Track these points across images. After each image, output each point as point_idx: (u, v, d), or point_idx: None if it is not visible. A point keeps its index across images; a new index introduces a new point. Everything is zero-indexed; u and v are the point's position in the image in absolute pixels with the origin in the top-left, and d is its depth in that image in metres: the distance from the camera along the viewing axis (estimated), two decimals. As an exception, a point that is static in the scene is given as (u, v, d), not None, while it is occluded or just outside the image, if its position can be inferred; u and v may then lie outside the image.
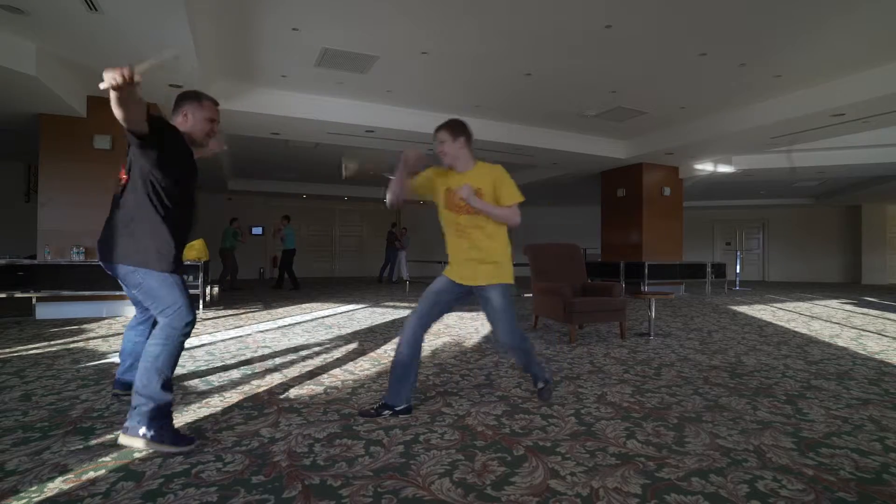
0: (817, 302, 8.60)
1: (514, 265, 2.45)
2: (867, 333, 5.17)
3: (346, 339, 4.62)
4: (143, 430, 1.96)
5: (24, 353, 3.84)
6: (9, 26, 4.25)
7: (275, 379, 3.13)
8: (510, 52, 5.25)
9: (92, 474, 1.79)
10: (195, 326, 2.16)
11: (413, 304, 7.61)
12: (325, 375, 3.24)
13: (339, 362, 3.63)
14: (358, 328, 5.25)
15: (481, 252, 2.46)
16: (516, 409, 2.59)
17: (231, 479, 1.76)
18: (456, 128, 2.48)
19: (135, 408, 1.98)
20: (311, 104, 6.72)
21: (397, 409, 2.45)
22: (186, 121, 2.24)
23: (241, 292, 9.75)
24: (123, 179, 2.15)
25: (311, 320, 5.84)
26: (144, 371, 2.00)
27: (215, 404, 2.60)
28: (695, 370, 3.48)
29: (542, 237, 17.10)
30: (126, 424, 2.01)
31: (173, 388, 2.12)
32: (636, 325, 5.62)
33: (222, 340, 4.44)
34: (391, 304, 7.72)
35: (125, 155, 2.19)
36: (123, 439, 1.99)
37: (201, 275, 6.26)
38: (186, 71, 5.05)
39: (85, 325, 5.19)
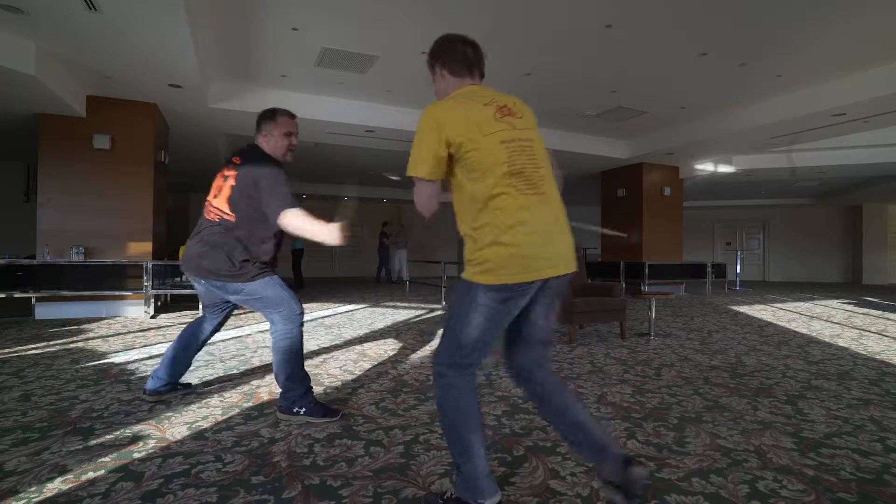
0: (818, 302, 8.60)
1: None
2: (868, 333, 5.17)
3: (346, 339, 4.61)
4: (296, 409, 2.35)
5: (24, 353, 3.84)
6: (8, 26, 4.25)
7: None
8: (510, 52, 5.25)
9: (91, 475, 1.79)
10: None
11: (414, 305, 7.60)
12: (325, 375, 3.23)
13: (339, 362, 3.62)
14: (358, 328, 5.24)
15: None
16: (516, 409, 2.59)
17: (231, 479, 1.76)
18: (434, 52, 1.85)
19: (286, 392, 2.36)
20: (311, 104, 6.71)
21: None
22: (268, 142, 2.40)
23: None
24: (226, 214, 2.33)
25: (311, 320, 5.83)
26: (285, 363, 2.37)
27: (215, 404, 2.60)
28: (695, 370, 3.48)
29: (542, 237, 16.92)
30: (281, 404, 2.38)
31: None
32: (636, 326, 5.62)
33: (222, 340, 4.43)
34: (391, 304, 7.71)
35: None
36: (281, 416, 2.36)
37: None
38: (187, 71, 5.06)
39: (84, 326, 5.19)
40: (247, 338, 4.59)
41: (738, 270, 12.57)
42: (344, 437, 2.17)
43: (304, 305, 2.81)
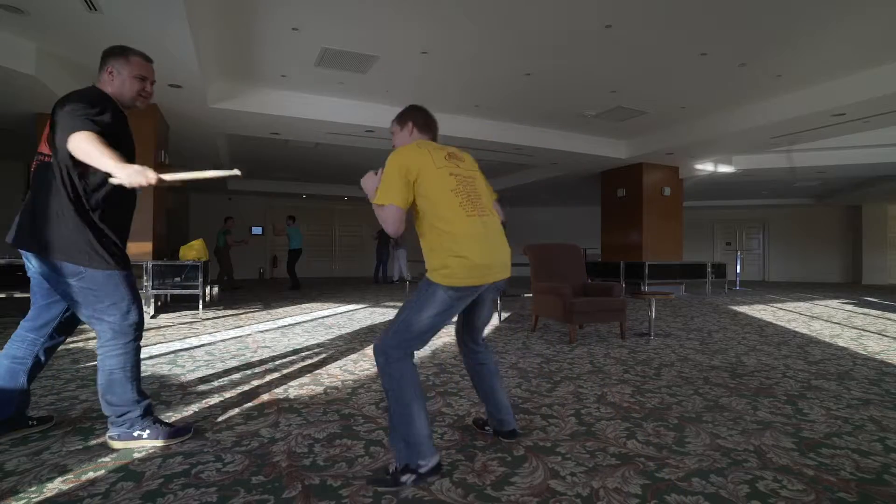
0: (818, 302, 8.60)
1: (515, 265, 2.40)
2: (868, 333, 5.17)
3: (346, 339, 4.61)
4: (137, 432, 2.02)
5: (24, 353, 3.83)
6: (9, 26, 4.25)
7: (275, 379, 3.13)
8: (510, 52, 5.25)
9: (91, 475, 1.79)
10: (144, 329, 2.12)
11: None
12: (325, 375, 3.23)
13: (339, 362, 3.62)
14: (358, 328, 5.24)
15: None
16: (516, 409, 2.58)
17: (231, 479, 1.76)
18: (403, 115, 2.27)
19: (120, 416, 2.01)
20: (311, 104, 6.72)
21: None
22: (112, 79, 2.02)
23: (239, 291, 9.75)
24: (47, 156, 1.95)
25: (311, 320, 5.83)
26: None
27: (215, 404, 2.60)
28: (695, 370, 3.48)
29: (542, 237, 17.05)
30: (116, 432, 2.01)
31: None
32: (636, 326, 5.62)
33: (222, 340, 4.44)
34: (391, 304, 7.71)
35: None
36: (118, 444, 2.00)
37: (201, 275, 6.25)
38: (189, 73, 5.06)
39: (84, 326, 5.18)
40: (247, 338, 4.60)
41: (738, 270, 12.57)
42: (344, 437, 2.17)
43: (304, 305, 2.81)
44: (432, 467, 1.75)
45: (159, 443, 2.03)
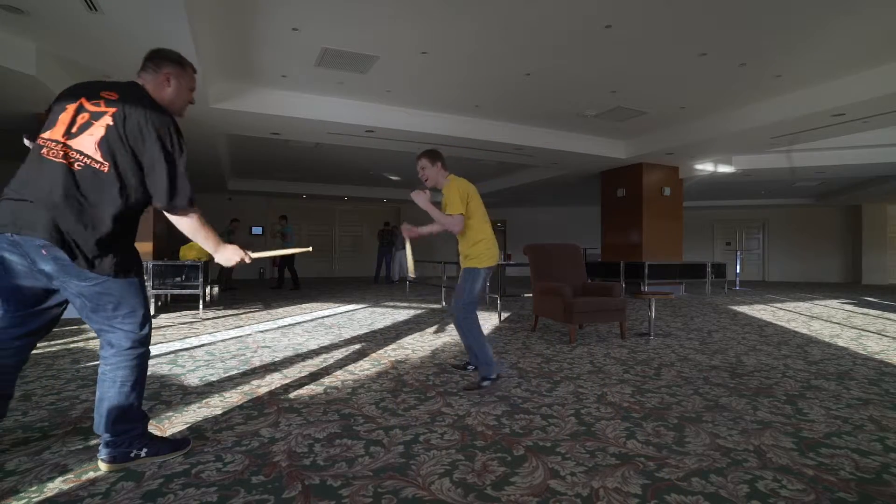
0: (817, 302, 8.60)
1: (514, 265, 2.55)
2: (867, 333, 5.17)
3: (346, 339, 4.62)
4: (134, 452, 1.85)
5: (24, 353, 3.84)
6: (8, 26, 4.25)
7: (275, 379, 3.13)
8: (510, 52, 5.25)
9: (92, 474, 1.79)
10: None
11: (414, 305, 7.62)
12: (325, 375, 3.24)
13: (339, 362, 3.62)
14: (358, 328, 5.25)
15: (461, 245, 3.24)
16: (516, 409, 2.59)
17: (231, 479, 1.76)
18: (434, 154, 3.22)
19: (120, 434, 1.84)
20: (311, 104, 6.71)
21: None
22: (167, 86, 1.96)
23: (236, 292, 9.75)
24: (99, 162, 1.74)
25: (311, 320, 5.83)
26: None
27: (215, 404, 2.60)
28: (695, 370, 3.48)
29: (542, 237, 17.04)
30: (112, 453, 1.82)
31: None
32: (636, 325, 5.62)
33: (222, 340, 4.44)
34: (391, 304, 7.71)
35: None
36: (114, 466, 1.82)
37: (201, 275, 6.25)
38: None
39: (84, 326, 5.19)
40: (247, 338, 4.60)
41: (738, 270, 12.56)
42: (344, 437, 2.17)
43: (304, 305, 2.82)
44: (497, 376, 3.07)
45: (160, 459, 1.89)
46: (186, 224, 1.90)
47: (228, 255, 2.03)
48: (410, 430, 2.26)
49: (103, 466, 1.82)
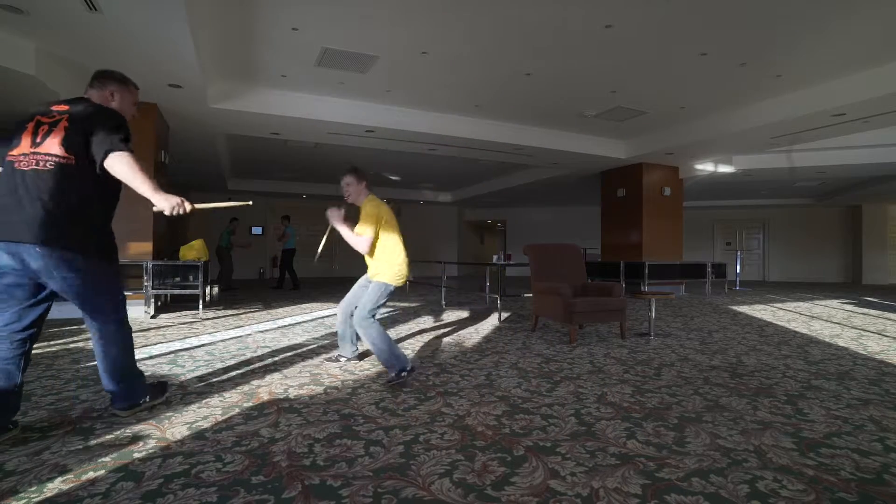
0: (817, 302, 8.60)
1: (514, 265, 2.52)
2: (867, 333, 5.17)
3: (346, 339, 4.61)
4: (143, 400, 2.40)
5: (24, 353, 3.83)
6: (8, 26, 4.25)
7: (275, 379, 3.13)
8: (510, 52, 5.25)
9: (91, 474, 1.79)
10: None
11: (414, 305, 7.62)
12: (325, 375, 3.23)
13: (339, 362, 3.62)
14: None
15: (378, 262, 3.27)
16: (516, 409, 2.59)
17: (231, 479, 1.76)
18: (360, 173, 3.30)
19: (131, 388, 2.35)
20: (311, 104, 6.71)
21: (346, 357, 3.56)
22: (111, 100, 2.26)
23: (237, 292, 9.75)
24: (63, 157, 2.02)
25: (311, 320, 5.83)
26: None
27: (215, 404, 2.60)
28: (695, 370, 3.48)
29: (542, 237, 17.03)
30: (122, 404, 2.33)
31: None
32: (636, 325, 5.62)
33: (222, 340, 4.44)
34: (391, 304, 7.71)
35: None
36: (128, 413, 2.34)
37: (201, 275, 6.25)
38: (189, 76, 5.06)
39: (84, 326, 5.18)
40: (247, 338, 4.60)
41: (738, 270, 12.56)
42: (344, 437, 2.17)
43: (304, 305, 2.82)
44: (412, 368, 3.09)
45: (159, 400, 2.50)
46: (120, 163, 2.02)
47: (166, 200, 2.10)
48: (410, 430, 2.25)
49: (122, 413, 2.34)
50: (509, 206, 17.38)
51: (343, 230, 3.16)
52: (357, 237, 3.13)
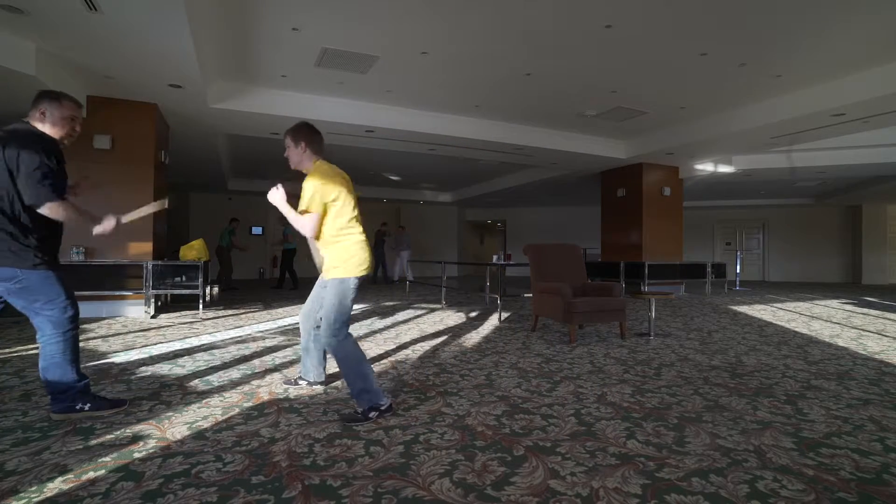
0: (817, 302, 8.60)
1: (514, 265, 2.48)
2: (867, 333, 5.17)
3: (346, 339, 4.61)
4: (79, 405, 2.35)
5: (24, 353, 3.84)
6: (8, 26, 4.25)
7: (275, 379, 3.13)
8: (510, 52, 5.25)
9: (92, 474, 1.79)
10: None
11: (414, 305, 7.61)
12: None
13: (339, 362, 3.62)
14: (358, 328, 5.24)
15: (325, 251, 2.61)
16: (516, 409, 2.59)
17: (231, 479, 1.76)
18: (298, 132, 2.55)
19: (62, 392, 2.33)
20: (311, 104, 6.71)
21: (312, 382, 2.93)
22: (44, 119, 2.37)
23: (237, 292, 9.74)
24: None
25: (311, 320, 5.82)
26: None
27: (215, 404, 2.60)
28: (695, 370, 3.48)
29: (542, 237, 17.03)
30: (58, 406, 2.33)
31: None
32: (636, 325, 5.62)
33: (222, 340, 4.44)
34: (390, 303, 7.71)
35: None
36: (59, 416, 2.31)
37: (201, 275, 6.25)
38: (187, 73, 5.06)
39: (84, 326, 5.18)
40: (247, 338, 4.60)
41: (738, 270, 12.57)
42: (344, 437, 2.17)
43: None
44: (388, 406, 2.45)
45: (101, 414, 2.38)
46: (52, 213, 2.25)
47: (101, 227, 2.40)
48: (410, 430, 2.25)
49: (53, 416, 2.33)
50: (509, 206, 17.38)
51: (286, 211, 2.51)
52: (299, 217, 2.45)
